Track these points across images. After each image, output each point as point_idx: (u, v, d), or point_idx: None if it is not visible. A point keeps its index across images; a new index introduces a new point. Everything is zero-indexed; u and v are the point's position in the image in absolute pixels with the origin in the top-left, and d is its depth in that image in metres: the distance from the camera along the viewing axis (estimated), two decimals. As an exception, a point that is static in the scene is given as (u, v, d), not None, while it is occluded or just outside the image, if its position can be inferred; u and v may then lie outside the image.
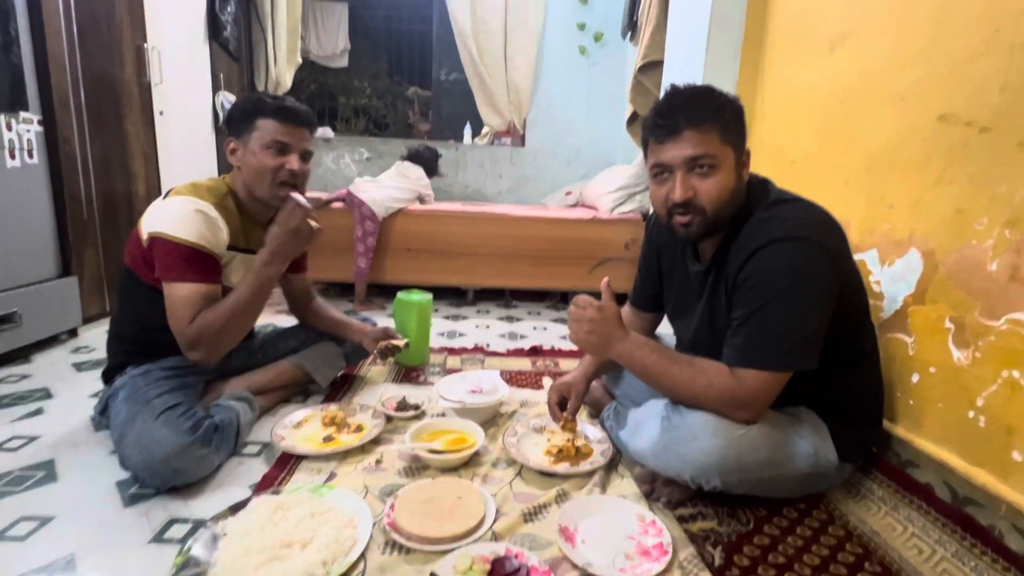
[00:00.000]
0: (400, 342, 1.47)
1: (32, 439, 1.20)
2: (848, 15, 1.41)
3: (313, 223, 1.18)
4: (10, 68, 1.65)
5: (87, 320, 1.95)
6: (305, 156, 1.24)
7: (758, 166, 1.89)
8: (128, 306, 1.23)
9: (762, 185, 1.00)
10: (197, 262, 1.13)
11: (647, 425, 0.99)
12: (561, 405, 1.23)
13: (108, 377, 1.23)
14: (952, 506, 1.01)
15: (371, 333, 1.49)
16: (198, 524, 0.91)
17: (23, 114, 1.69)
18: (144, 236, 1.13)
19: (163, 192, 1.22)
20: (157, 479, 1.00)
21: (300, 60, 3.72)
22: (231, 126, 1.22)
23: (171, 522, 0.93)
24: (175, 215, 1.13)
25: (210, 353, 1.15)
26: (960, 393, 1.04)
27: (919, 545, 0.93)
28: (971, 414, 1.01)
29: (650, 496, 1.04)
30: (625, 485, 1.08)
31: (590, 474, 1.10)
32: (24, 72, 1.69)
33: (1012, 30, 0.96)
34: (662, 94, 0.96)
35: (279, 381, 1.40)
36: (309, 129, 1.25)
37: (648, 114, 0.97)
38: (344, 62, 4.46)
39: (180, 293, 1.11)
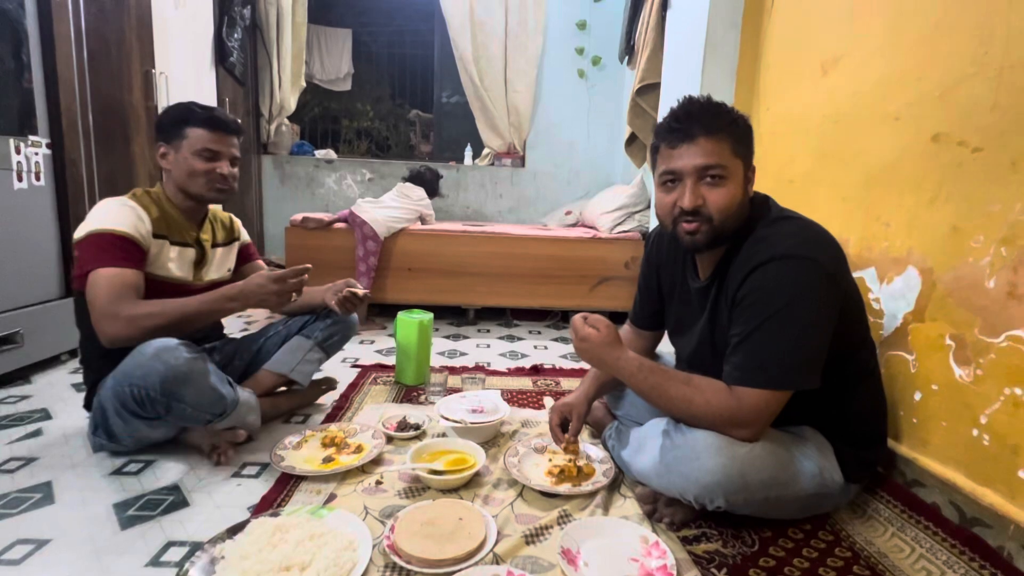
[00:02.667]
0: (360, 290, 1.43)
1: (30, 460, 1.19)
2: (839, 39, 1.44)
3: (293, 294, 1.20)
4: (21, 93, 1.69)
5: (88, 340, 1.96)
6: (234, 162, 1.31)
7: (756, 185, 1.92)
8: (88, 331, 1.18)
9: (764, 202, 1.02)
10: (117, 249, 1.14)
11: (649, 444, 0.98)
12: (563, 427, 1.22)
13: (89, 402, 1.25)
14: (960, 527, 0.99)
15: (329, 289, 1.47)
16: (195, 547, 0.90)
17: (32, 137, 1.72)
18: (75, 252, 1.17)
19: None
20: (154, 377, 1.04)
21: (304, 84, 3.79)
22: (161, 132, 1.28)
23: (168, 545, 0.92)
24: (92, 215, 1.18)
25: (125, 329, 1.09)
26: (963, 411, 1.03)
27: (927, 567, 0.91)
28: (975, 432, 1.00)
29: (653, 517, 1.02)
30: (628, 506, 1.07)
31: (592, 494, 1.09)
32: (35, 96, 1.73)
33: (1001, 52, 0.99)
34: (667, 111, 0.98)
35: (260, 390, 1.37)
36: (236, 137, 1.32)
37: (663, 120, 0.98)
38: (347, 85, 4.54)
39: (100, 278, 1.11)
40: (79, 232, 1.17)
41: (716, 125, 0.92)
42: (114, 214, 1.17)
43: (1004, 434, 0.95)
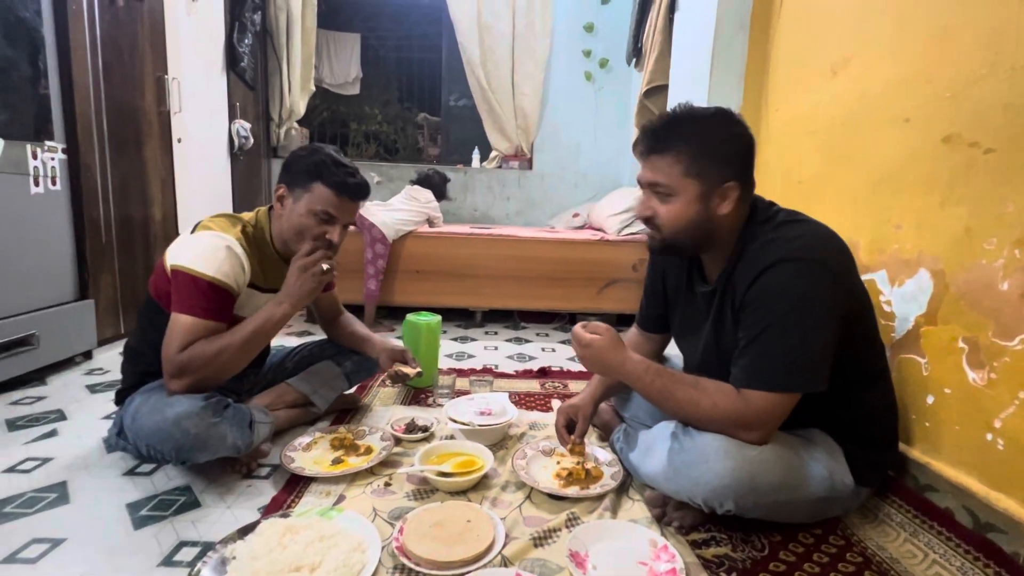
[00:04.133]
0: (412, 371, 1.41)
1: (45, 460, 1.21)
2: (848, 40, 1.44)
3: (324, 264, 1.16)
4: (38, 99, 1.72)
5: (102, 342, 1.98)
6: (347, 226, 1.24)
7: (765, 187, 1.91)
8: (146, 333, 1.23)
9: (768, 207, 1.01)
10: (211, 298, 1.11)
11: (657, 448, 0.98)
12: (569, 428, 1.22)
13: (121, 398, 1.25)
14: (974, 532, 0.98)
15: (388, 351, 1.45)
16: (207, 547, 0.91)
17: (48, 143, 1.75)
18: (168, 268, 1.14)
19: (178, 217, 1.23)
20: (169, 443, 1.01)
21: (313, 88, 3.83)
22: (287, 174, 1.21)
23: (180, 545, 0.93)
24: (200, 249, 1.12)
25: (194, 383, 1.09)
26: (977, 415, 1.02)
27: (941, 573, 0.90)
28: (989, 436, 0.99)
29: (662, 520, 1.02)
30: (636, 509, 1.07)
31: (600, 497, 1.09)
32: (51, 103, 1.76)
33: (1012, 53, 0.98)
34: None
35: (280, 402, 1.39)
36: (361, 203, 1.25)
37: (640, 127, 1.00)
38: (356, 89, 4.58)
39: (183, 323, 1.09)
40: (177, 255, 1.12)
41: (663, 146, 0.95)
42: (219, 260, 1.12)
43: (1019, 438, 0.94)
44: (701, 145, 0.93)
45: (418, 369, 1.43)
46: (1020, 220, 0.95)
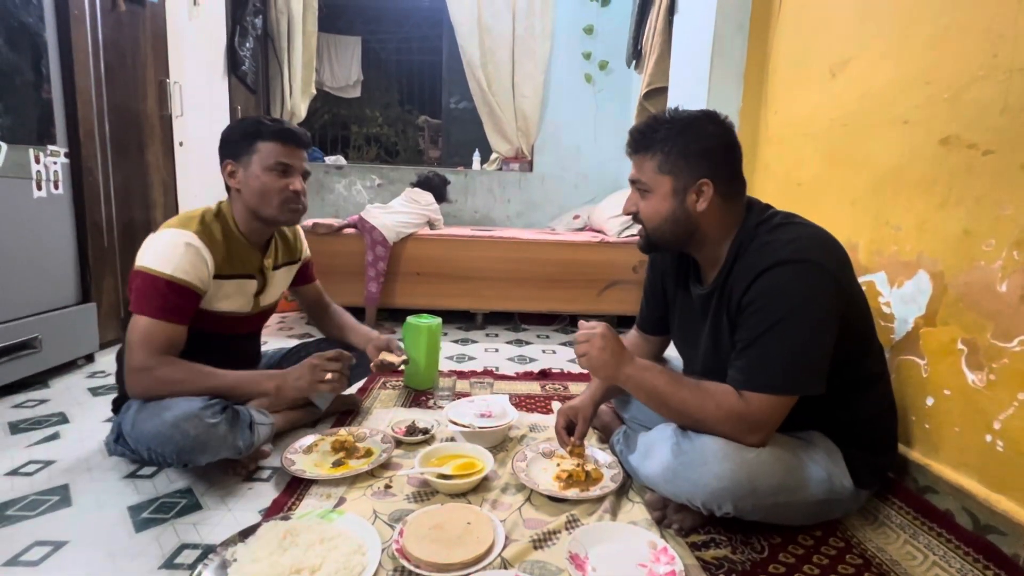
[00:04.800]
0: (396, 359, 1.41)
1: (48, 464, 1.21)
2: (847, 42, 1.44)
3: (330, 375, 1.17)
4: (40, 104, 1.73)
5: (104, 345, 1.99)
6: (304, 176, 1.26)
7: (766, 188, 1.92)
8: None
9: (764, 209, 1.02)
10: (168, 297, 1.10)
11: (657, 450, 0.98)
12: (568, 429, 1.22)
13: (117, 406, 1.26)
14: (974, 534, 0.98)
15: (375, 340, 1.46)
16: (208, 550, 0.92)
17: (50, 147, 1.77)
18: (132, 273, 1.15)
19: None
20: (170, 446, 1.02)
21: (314, 91, 3.84)
22: (227, 148, 1.22)
23: (181, 547, 0.93)
24: (158, 249, 1.13)
25: (153, 389, 1.09)
26: (976, 416, 1.02)
27: (940, 575, 0.90)
28: (988, 438, 0.99)
29: (662, 522, 1.02)
30: (636, 511, 1.07)
31: (600, 499, 1.09)
32: (53, 107, 1.78)
33: (1010, 55, 0.98)
34: None
35: (280, 404, 1.39)
36: (306, 150, 1.27)
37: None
38: (357, 92, 4.60)
39: (141, 326, 1.09)
40: (139, 257, 1.13)
41: (643, 144, 1.01)
42: (178, 257, 1.11)
43: (1018, 440, 0.94)
44: (675, 144, 0.98)
45: (403, 357, 1.43)
46: (1018, 222, 0.95)
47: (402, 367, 1.43)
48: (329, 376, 1.18)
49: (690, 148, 0.97)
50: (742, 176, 1.02)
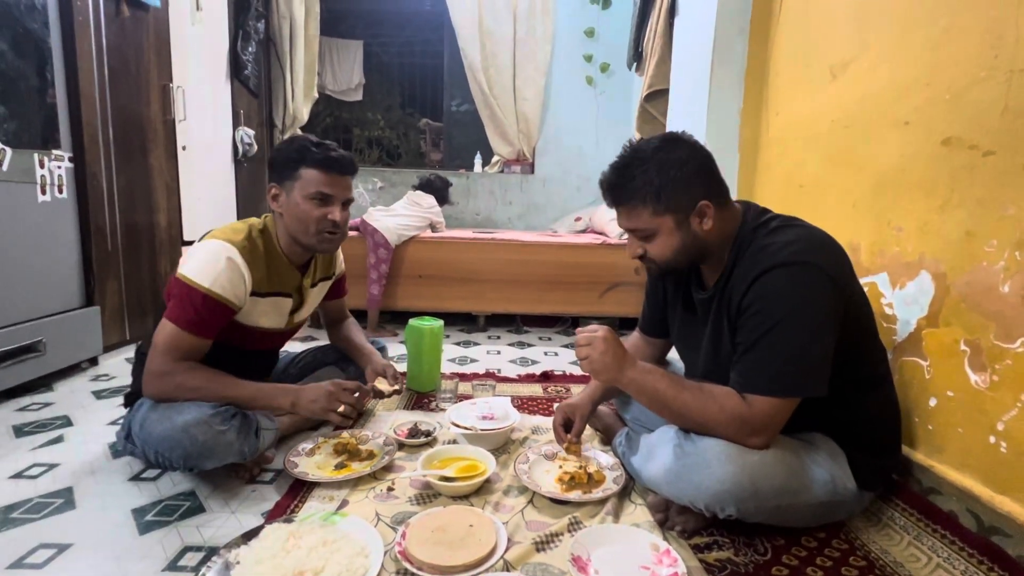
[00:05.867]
0: (388, 388, 1.41)
1: (52, 466, 1.22)
2: (848, 43, 1.44)
3: (343, 408, 1.17)
4: (45, 109, 1.74)
5: (107, 349, 2.00)
6: (346, 204, 1.25)
7: (766, 191, 1.92)
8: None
9: (761, 213, 1.02)
10: (201, 311, 1.11)
11: (658, 452, 0.98)
12: (566, 426, 1.22)
13: (130, 401, 1.26)
14: (978, 536, 0.98)
15: (374, 364, 1.47)
16: (211, 552, 0.92)
17: (55, 151, 1.78)
18: (174, 276, 1.16)
19: (182, 224, 1.24)
20: (178, 451, 1.02)
21: (316, 95, 3.86)
22: (274, 171, 1.22)
23: (185, 550, 0.94)
24: (201, 259, 1.13)
25: (171, 393, 1.10)
26: (979, 418, 1.02)
27: (945, 577, 0.90)
28: (992, 439, 0.99)
29: (664, 524, 1.02)
30: (639, 513, 1.07)
31: (603, 501, 1.09)
32: (58, 112, 1.79)
33: (1010, 56, 0.98)
34: (675, 117, 1.00)
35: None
36: (351, 177, 1.26)
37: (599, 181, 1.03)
38: (359, 96, 4.61)
39: (166, 331, 1.11)
40: (182, 264, 1.14)
41: (625, 197, 0.98)
42: (218, 271, 1.12)
43: (1022, 441, 0.94)
44: (659, 181, 0.94)
45: (396, 387, 1.43)
46: (1020, 222, 0.95)
47: (392, 395, 1.44)
48: (342, 409, 1.18)
49: (676, 179, 0.95)
50: (724, 180, 1.02)
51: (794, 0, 1.73)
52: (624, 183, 0.97)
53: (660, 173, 0.95)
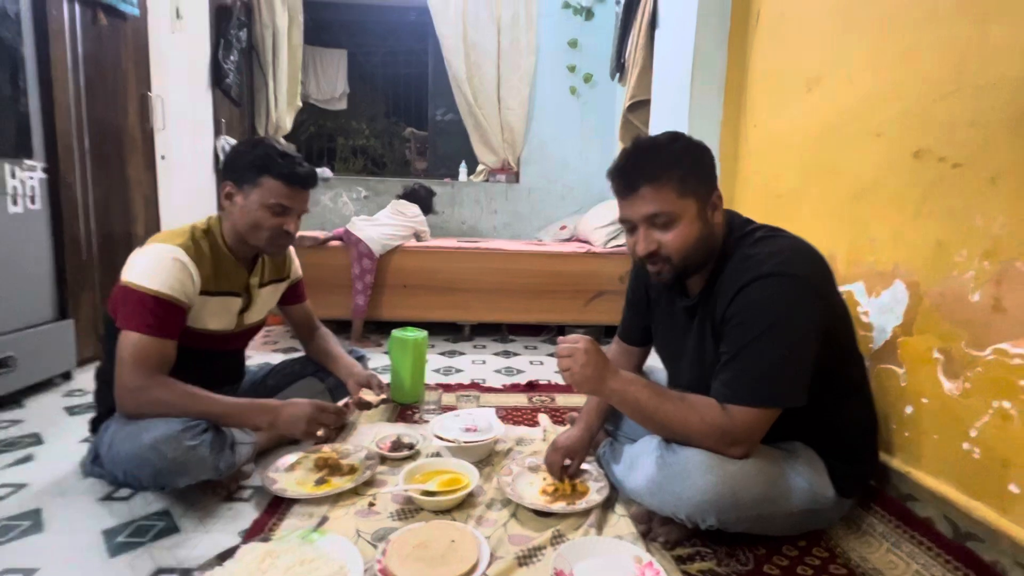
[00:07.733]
0: (374, 398, 1.41)
1: (20, 487, 1.18)
2: (822, 57, 1.47)
3: (322, 432, 1.18)
4: (17, 117, 1.70)
5: (81, 363, 1.95)
6: (300, 215, 1.26)
7: (745, 201, 1.94)
8: (114, 356, 1.17)
9: (745, 223, 1.03)
10: (157, 313, 1.09)
11: (641, 463, 0.98)
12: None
13: (95, 426, 1.23)
14: (954, 541, 0.99)
15: (356, 375, 1.46)
16: (185, 574, 0.89)
17: (27, 161, 1.74)
18: (119, 286, 1.13)
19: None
20: (147, 469, 1.00)
21: (300, 104, 3.83)
22: (232, 171, 1.20)
23: (158, 572, 0.91)
24: (146, 263, 1.11)
25: (145, 408, 1.08)
26: (953, 424, 1.03)
27: (922, 583, 0.91)
28: (966, 446, 1.01)
29: (647, 536, 1.02)
30: (622, 524, 1.07)
31: (586, 513, 1.08)
32: (31, 120, 1.75)
33: (976, 71, 1.01)
34: (657, 128, 1.00)
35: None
36: (311, 190, 1.26)
37: (609, 170, 1.00)
38: (343, 104, 4.60)
39: (131, 341, 1.08)
40: (125, 272, 1.12)
41: (654, 173, 0.93)
42: (164, 272, 1.10)
43: (994, 447, 0.96)
44: (684, 165, 0.95)
45: (382, 396, 1.42)
46: (988, 232, 0.98)
47: (380, 405, 1.43)
48: (321, 433, 1.17)
49: (698, 164, 0.96)
50: None
51: (770, 15, 1.77)
52: (650, 159, 0.95)
53: (685, 156, 0.95)
